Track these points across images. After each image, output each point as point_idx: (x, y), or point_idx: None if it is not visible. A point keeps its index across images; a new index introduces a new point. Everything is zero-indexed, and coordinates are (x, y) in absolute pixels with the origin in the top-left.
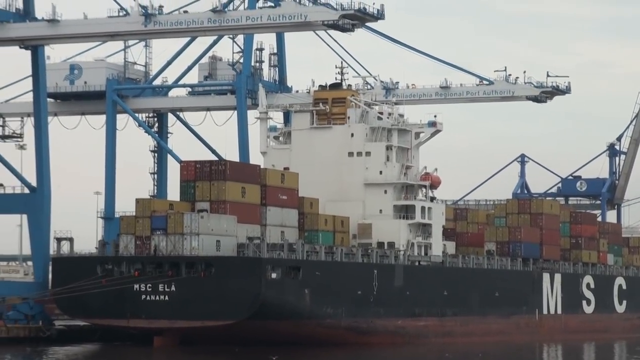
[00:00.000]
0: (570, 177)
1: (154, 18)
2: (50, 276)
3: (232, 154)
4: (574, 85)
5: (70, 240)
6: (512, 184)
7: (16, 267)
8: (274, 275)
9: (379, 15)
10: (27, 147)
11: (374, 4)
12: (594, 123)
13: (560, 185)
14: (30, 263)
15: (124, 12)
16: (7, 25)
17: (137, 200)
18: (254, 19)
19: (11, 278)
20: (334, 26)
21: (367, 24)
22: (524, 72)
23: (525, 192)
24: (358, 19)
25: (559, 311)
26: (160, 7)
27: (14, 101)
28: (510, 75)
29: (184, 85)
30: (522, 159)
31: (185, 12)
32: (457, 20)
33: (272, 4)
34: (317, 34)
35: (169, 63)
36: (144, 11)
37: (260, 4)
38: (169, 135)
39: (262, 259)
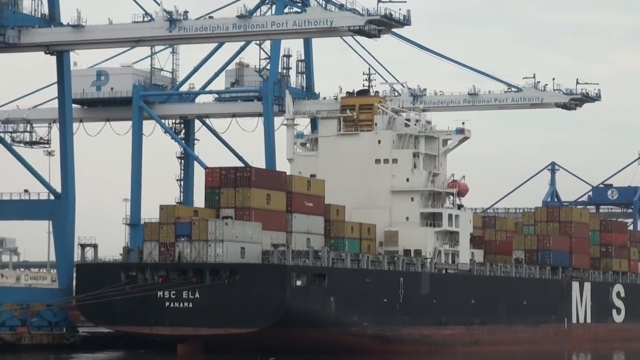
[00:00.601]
0: (601, 186)
1: (178, 24)
2: (74, 283)
3: (258, 161)
4: (609, 94)
5: (95, 246)
6: (542, 192)
7: (44, 274)
8: (298, 283)
9: (405, 21)
10: (55, 153)
11: (400, 9)
12: (626, 131)
13: (591, 193)
14: None
15: (149, 18)
16: (33, 30)
17: (162, 207)
18: (280, 25)
19: (39, 285)
20: (360, 32)
21: (394, 30)
22: (553, 79)
23: (556, 200)
24: (384, 24)
25: (589, 320)
26: (186, 12)
27: (42, 107)
28: (539, 82)
29: (210, 92)
30: (553, 167)
31: (211, 17)
32: (492, 29)
33: (299, 10)
34: (344, 41)
35: (195, 69)
36: (168, 16)
37: (287, 9)
38: (195, 141)
39: (287, 266)
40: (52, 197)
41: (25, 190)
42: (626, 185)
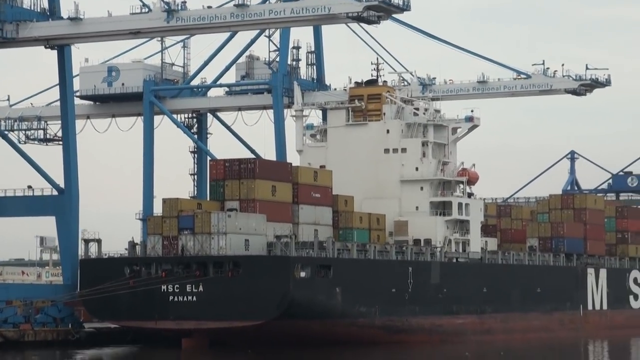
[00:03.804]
0: (621, 173)
1: (176, 14)
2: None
3: (270, 153)
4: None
5: (98, 241)
6: (562, 180)
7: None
8: (303, 274)
9: (405, 7)
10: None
11: None
12: None
13: (610, 181)
14: None
15: (147, 9)
16: (30, 24)
17: (164, 200)
18: (277, 13)
19: (59, 281)
20: (359, 18)
21: (396, 16)
22: (562, 65)
23: (576, 188)
24: (383, 10)
25: (605, 307)
26: (183, 2)
27: (55, 105)
28: (548, 68)
29: (220, 85)
30: (572, 156)
31: (209, 7)
32: (516, 25)
33: None
34: (352, 30)
35: (206, 63)
36: (166, 7)
37: None
38: (208, 135)
39: (290, 258)
40: (55, 193)
41: (29, 187)
42: None
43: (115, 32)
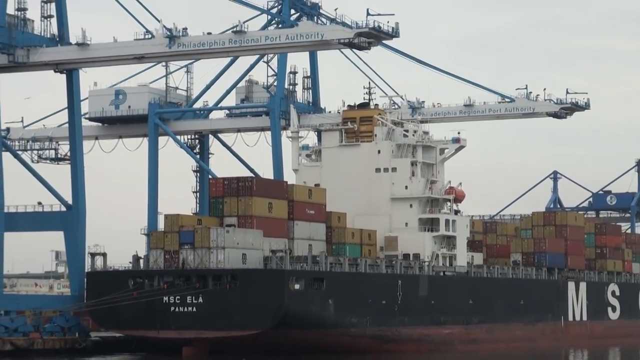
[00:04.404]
0: (600, 192)
1: (177, 40)
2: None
3: (268, 172)
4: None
5: (104, 255)
6: (545, 199)
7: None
8: (297, 286)
9: (394, 33)
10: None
11: (388, 22)
12: (623, 140)
13: (591, 199)
14: None
15: (150, 35)
16: (40, 49)
17: (166, 216)
18: (273, 39)
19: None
20: (350, 44)
21: (388, 43)
22: (544, 89)
23: (558, 206)
24: (373, 37)
25: (585, 318)
26: (184, 29)
27: (66, 126)
28: (530, 92)
29: (221, 108)
30: (555, 176)
31: (209, 33)
32: (509, 52)
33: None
34: (346, 56)
35: (207, 87)
36: (168, 33)
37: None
38: (210, 155)
39: (285, 271)
40: (63, 209)
41: (39, 203)
42: (624, 192)
43: (120, 57)
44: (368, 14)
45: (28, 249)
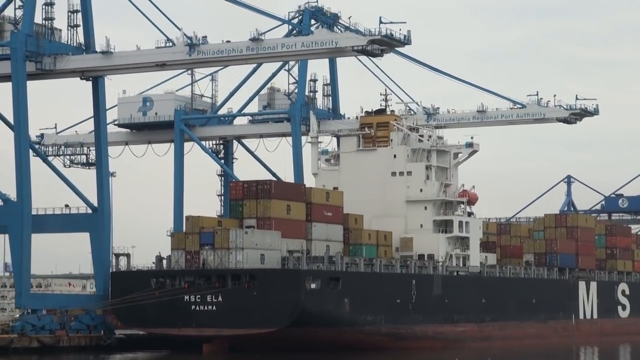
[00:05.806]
0: (612, 195)
1: (197, 48)
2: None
3: (289, 176)
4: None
5: (127, 255)
6: (559, 202)
7: None
8: (313, 286)
9: (406, 41)
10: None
11: (400, 30)
12: (634, 146)
13: (603, 202)
14: None
15: (171, 44)
16: (66, 57)
17: (187, 218)
18: (289, 47)
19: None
20: (364, 51)
21: (403, 51)
22: (554, 95)
23: (572, 209)
24: (385, 44)
25: (595, 316)
26: (204, 37)
27: None
28: (541, 99)
29: (244, 114)
30: (569, 180)
31: (228, 41)
32: (522, 63)
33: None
34: (363, 64)
35: (231, 95)
36: (188, 41)
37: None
38: (234, 160)
39: (301, 271)
40: (89, 211)
41: (66, 205)
42: (636, 195)
43: (142, 64)
44: (381, 22)
45: (66, 250)
